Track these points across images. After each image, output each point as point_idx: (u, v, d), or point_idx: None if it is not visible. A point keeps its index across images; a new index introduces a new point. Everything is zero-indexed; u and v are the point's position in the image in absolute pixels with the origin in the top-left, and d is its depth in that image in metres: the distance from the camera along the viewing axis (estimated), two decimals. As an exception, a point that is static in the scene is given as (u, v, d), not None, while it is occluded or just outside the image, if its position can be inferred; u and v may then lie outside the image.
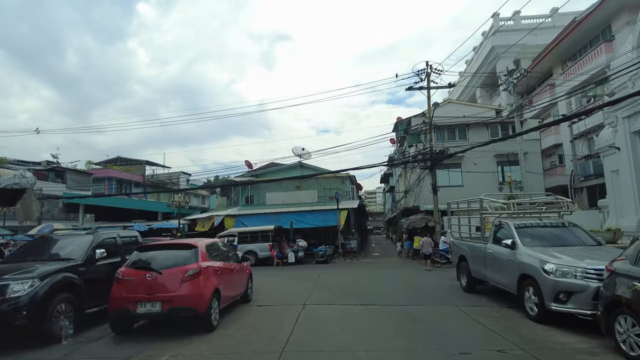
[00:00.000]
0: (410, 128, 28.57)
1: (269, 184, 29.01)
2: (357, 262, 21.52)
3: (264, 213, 26.04)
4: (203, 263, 6.85)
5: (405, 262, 20.97)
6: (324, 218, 24.53)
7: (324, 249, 21.24)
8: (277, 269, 19.36)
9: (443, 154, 21.19)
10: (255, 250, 21.43)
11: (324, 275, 15.17)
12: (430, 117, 22.75)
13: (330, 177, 28.08)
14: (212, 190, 34.19)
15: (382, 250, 30.39)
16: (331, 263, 21.36)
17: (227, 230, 22.92)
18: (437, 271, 16.53)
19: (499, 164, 27.47)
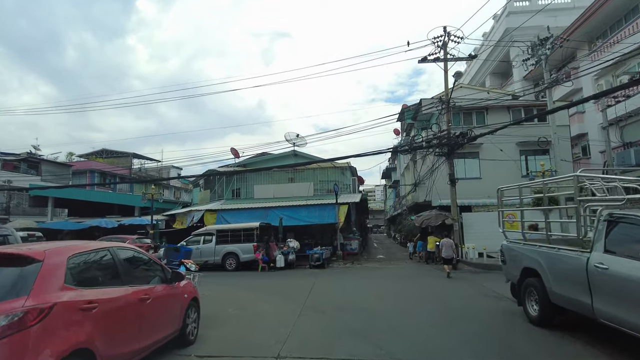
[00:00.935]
0: (420, 111, 24.89)
1: (258, 176, 25.31)
2: (360, 267, 17.86)
3: (250, 208, 22.36)
4: (50, 295, 3.17)
5: (417, 267, 17.33)
6: (320, 214, 20.87)
7: (319, 252, 17.57)
8: (262, 276, 15.69)
9: (465, 136, 17.52)
10: (236, 251, 17.76)
11: (318, 286, 11.50)
12: (448, 94, 19.08)
13: (328, 167, 24.40)
14: (195, 183, 30.38)
15: (386, 252, 26.74)
16: (329, 268, 17.70)
17: (205, 227, 19.22)
18: (456, 278, 12.92)
19: (523, 153, 23.87)
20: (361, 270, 16.58)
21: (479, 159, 23.81)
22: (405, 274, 15.33)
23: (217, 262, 17.97)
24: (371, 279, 13.78)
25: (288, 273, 16.28)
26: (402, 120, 37.29)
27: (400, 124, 39.77)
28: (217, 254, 17.97)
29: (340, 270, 16.66)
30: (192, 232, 19.21)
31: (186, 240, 18.93)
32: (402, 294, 10.36)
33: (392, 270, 16.65)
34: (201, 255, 18.19)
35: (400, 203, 36.39)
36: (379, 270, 16.73)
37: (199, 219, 22.62)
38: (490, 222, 19.66)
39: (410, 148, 18.96)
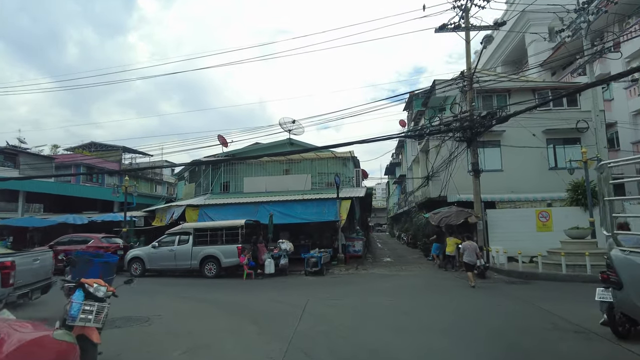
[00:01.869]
0: (434, 93, 21.87)
1: (248, 167, 22.30)
2: (366, 274, 14.88)
3: (238, 203, 19.35)
4: None
5: (434, 274, 14.33)
6: (318, 210, 17.86)
7: (317, 255, 14.56)
8: (245, 286, 12.70)
9: (493, 117, 14.47)
10: (217, 255, 14.76)
11: (313, 307, 8.50)
12: (471, 68, 16.06)
13: (328, 157, 21.38)
14: (180, 176, 27.37)
15: (393, 254, 23.74)
16: (328, 275, 14.71)
17: (180, 225, 16.22)
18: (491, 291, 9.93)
19: (550, 142, 20.85)
20: (368, 279, 13.57)
21: (501, 149, 20.85)
22: (424, 284, 12.32)
23: (195, 267, 14.99)
24: (382, 292, 10.76)
25: (278, 282, 13.29)
26: (410, 110, 34.29)
27: (407, 114, 36.75)
28: (194, 257, 14.99)
29: (342, 279, 13.66)
30: (166, 231, 16.23)
31: (159, 241, 15.95)
32: (433, 320, 7.33)
33: (405, 278, 13.65)
34: (175, 258, 15.23)
35: (406, 200, 33.37)
36: (390, 278, 13.72)
37: (179, 216, 19.65)
38: (520, 221, 16.79)
39: (425, 133, 15.96)
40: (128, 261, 15.83)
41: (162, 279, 14.81)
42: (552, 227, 15.71)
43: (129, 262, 15.81)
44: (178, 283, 13.62)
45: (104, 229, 22.38)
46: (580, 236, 12.96)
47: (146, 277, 15.60)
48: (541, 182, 19.86)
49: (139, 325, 7.23)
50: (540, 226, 15.82)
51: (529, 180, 19.85)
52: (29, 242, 22.85)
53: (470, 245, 12.33)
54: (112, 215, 21.77)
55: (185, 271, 15.44)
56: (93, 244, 16.36)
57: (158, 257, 15.48)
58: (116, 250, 16.86)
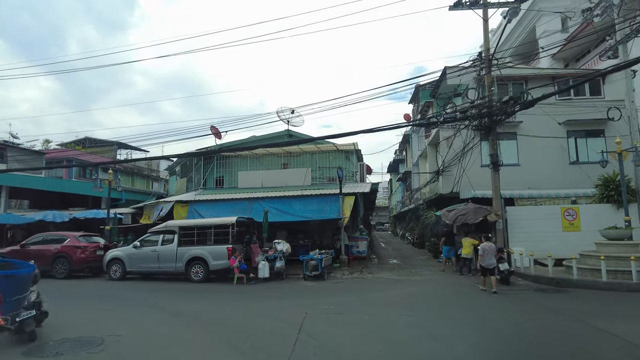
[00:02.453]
0: (444, 81, 20.22)
1: (244, 161, 20.65)
2: (372, 279, 13.22)
3: (231, 199, 17.71)
4: None
5: (450, 279, 12.67)
6: (319, 207, 16.21)
7: (317, 258, 12.90)
8: (234, 294, 11.07)
9: (515, 102, 12.78)
10: (204, 256, 13.11)
11: (312, 326, 6.83)
12: (489, 48, 14.40)
13: (330, 149, 19.72)
14: (172, 170, 25.71)
15: (398, 254, 22.08)
16: (329, 279, 13.07)
17: (164, 223, 14.57)
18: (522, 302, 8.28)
19: (571, 134, 19.17)
20: (375, 285, 11.91)
21: (517, 142, 19.18)
22: (441, 292, 10.65)
23: (180, 269, 13.35)
24: (395, 302, 9.11)
25: (272, 288, 11.64)
26: (416, 103, 32.57)
27: (412, 108, 35.02)
28: (179, 258, 13.35)
29: (346, 285, 12.00)
30: (149, 230, 14.59)
31: (141, 240, 14.32)
32: (469, 346, 5.66)
33: (418, 284, 11.98)
34: (159, 260, 13.59)
35: (411, 197, 31.69)
36: (400, 284, 12.06)
37: (167, 212, 18.01)
38: (544, 220, 15.08)
39: (438, 121, 14.31)
40: (107, 262, 14.19)
41: (143, 283, 13.18)
42: (580, 227, 14.06)
43: (108, 263, 14.17)
44: (159, 288, 11.98)
45: (90, 227, 20.82)
46: (620, 237, 11.31)
47: (127, 280, 14.00)
48: (561, 177, 18.23)
49: (87, 350, 5.59)
50: (566, 225, 14.16)
51: (548, 175, 18.22)
52: (9, 241, 21.23)
53: (490, 246, 10.80)
54: (95, 211, 20.12)
55: (170, 274, 13.82)
56: (69, 243, 14.72)
57: (139, 258, 13.85)
58: (95, 250, 15.26)
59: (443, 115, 14.47)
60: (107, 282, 13.72)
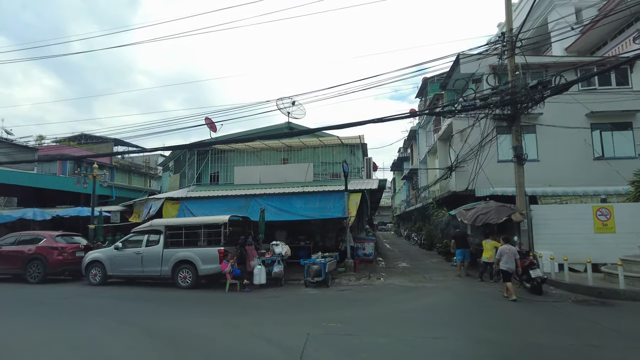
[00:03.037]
0: (457, 70, 18.73)
1: (240, 155, 19.17)
2: (382, 285, 11.74)
3: (226, 196, 16.24)
4: None
5: (471, 286, 11.18)
6: (322, 205, 14.73)
7: (320, 262, 11.40)
8: (224, 303, 9.60)
9: (545, 87, 11.26)
10: (193, 259, 11.63)
11: (317, 350, 5.36)
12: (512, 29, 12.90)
13: (334, 143, 18.23)
14: (165, 166, 24.22)
15: (406, 257, 20.56)
16: (334, 286, 11.58)
17: (149, 222, 13.11)
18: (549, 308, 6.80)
19: (596, 127, 17.66)
20: (387, 293, 10.41)
21: (536, 136, 17.67)
22: (465, 303, 9.16)
23: (166, 274, 11.88)
24: (416, 317, 7.62)
25: (269, 297, 10.15)
26: (423, 97, 31.06)
27: (419, 103, 33.51)
28: (165, 262, 11.87)
29: (354, 294, 10.50)
30: (133, 229, 13.12)
31: (124, 240, 12.86)
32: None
33: (435, 292, 10.48)
34: (143, 263, 12.12)
35: (418, 196, 30.19)
36: (415, 292, 10.57)
37: (157, 210, 16.56)
38: (573, 220, 13.47)
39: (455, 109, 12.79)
40: (86, 265, 12.74)
41: (124, 290, 11.71)
42: (615, 228, 12.55)
43: (87, 266, 12.72)
44: (140, 296, 10.52)
45: (75, 226, 19.39)
46: (671, 241, 9.81)
47: (109, 284, 12.56)
48: (585, 174, 16.74)
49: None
50: (599, 226, 12.64)
51: (570, 171, 16.73)
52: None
53: (509, 249, 9.71)
54: (79, 209, 18.64)
55: (156, 279, 12.36)
56: (45, 244, 13.27)
57: (121, 261, 12.39)
58: (75, 251, 13.81)
59: (461, 103, 12.97)
60: (85, 287, 12.26)
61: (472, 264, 14.18)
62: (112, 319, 7.57)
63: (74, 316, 8.04)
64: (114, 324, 7.22)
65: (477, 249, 14.20)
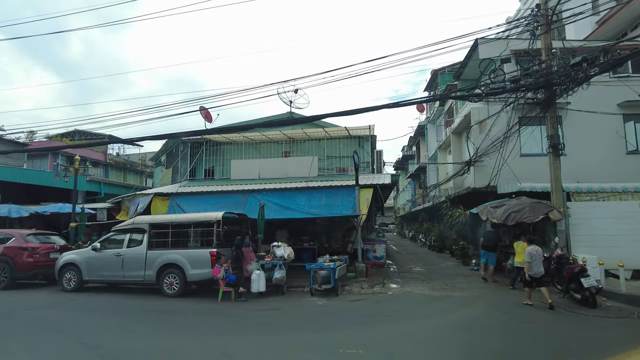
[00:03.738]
0: (474, 56, 17.17)
1: (237, 148, 17.54)
2: (400, 293, 10.12)
3: (221, 191, 14.63)
4: None
5: (502, 295, 9.56)
6: (328, 202, 13.11)
7: (329, 267, 9.77)
8: (214, 317, 7.97)
9: (591, 64, 9.65)
10: (180, 263, 10.00)
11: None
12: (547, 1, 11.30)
13: (341, 135, 16.60)
14: (157, 160, 22.59)
15: (418, 260, 18.93)
16: (344, 295, 9.96)
17: (131, 220, 11.48)
18: (613, 326, 5.25)
19: (629, 118, 16.08)
20: (409, 307, 8.78)
21: (562, 127, 16.05)
22: (505, 317, 7.53)
23: (150, 279, 10.26)
24: (452, 343, 6.01)
25: (269, 309, 8.54)
26: (433, 90, 29.44)
27: (428, 96, 31.89)
28: (149, 265, 10.24)
29: (369, 305, 8.88)
30: (113, 228, 11.47)
31: (102, 240, 11.23)
32: None
33: (464, 304, 8.86)
34: (123, 267, 10.49)
35: (427, 195, 28.57)
36: (440, 303, 8.95)
37: (145, 207, 14.93)
38: (618, 219, 11.77)
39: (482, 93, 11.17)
40: (59, 268, 11.11)
41: (101, 298, 10.10)
42: None
43: (61, 269, 11.09)
44: (115, 307, 8.91)
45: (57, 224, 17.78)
46: None
47: (85, 291, 10.95)
48: (617, 169, 15.13)
49: None
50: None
51: (600, 166, 15.11)
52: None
53: (537, 251, 8.73)
54: (60, 205, 16.99)
55: (139, 285, 10.73)
56: (13, 244, 11.63)
57: (100, 264, 10.76)
58: (49, 252, 12.18)
59: (488, 85, 11.35)
60: (57, 294, 10.64)
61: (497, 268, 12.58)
62: (70, 340, 5.96)
63: (24, 335, 6.42)
64: (69, 346, 5.61)
65: (505, 252, 12.64)
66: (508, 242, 12.40)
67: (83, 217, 15.08)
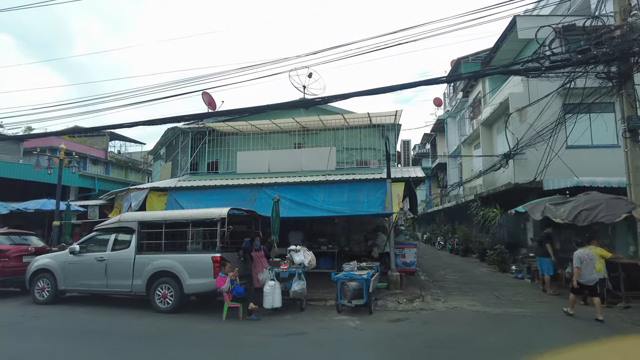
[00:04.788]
0: (511, 35, 15.24)
1: (244, 139, 15.60)
2: (448, 311, 8.14)
3: (227, 186, 12.72)
4: None
5: (580, 313, 7.56)
6: (352, 198, 11.12)
7: (361, 278, 7.77)
8: (215, 346, 5.99)
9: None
10: (175, 270, 8.06)
11: None
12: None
13: (361, 123, 14.61)
14: (156, 154, 20.69)
15: (443, 265, 16.92)
16: (379, 311, 8.01)
17: (118, 217, 9.55)
18: None
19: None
20: (471, 332, 6.77)
21: (615, 115, 14.04)
22: (614, 351, 5.56)
23: (139, 290, 8.33)
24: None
25: (288, 335, 6.57)
26: (453, 82, 27.42)
27: (446, 89, 29.90)
28: (138, 273, 8.31)
29: (418, 330, 6.90)
30: (96, 227, 9.54)
31: (82, 242, 9.30)
32: None
33: (537, 325, 6.86)
34: (107, 274, 8.56)
35: (446, 195, 26.56)
36: (508, 326, 6.96)
37: (140, 204, 13.01)
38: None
39: (540, 67, 9.21)
40: (30, 275, 9.21)
41: (75, 314, 8.20)
42: None
43: (32, 276, 9.19)
44: (86, 329, 6.98)
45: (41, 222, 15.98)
46: None
47: (62, 302, 9.05)
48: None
49: None
50: None
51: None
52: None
53: (589, 255, 7.62)
54: (42, 202, 15.08)
55: (125, 296, 8.82)
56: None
57: (78, 271, 8.85)
58: (22, 255, 10.29)
59: (549, 57, 9.35)
60: (24, 307, 8.76)
61: (553, 277, 10.56)
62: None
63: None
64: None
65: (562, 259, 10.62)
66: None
67: (68, 215, 13.18)
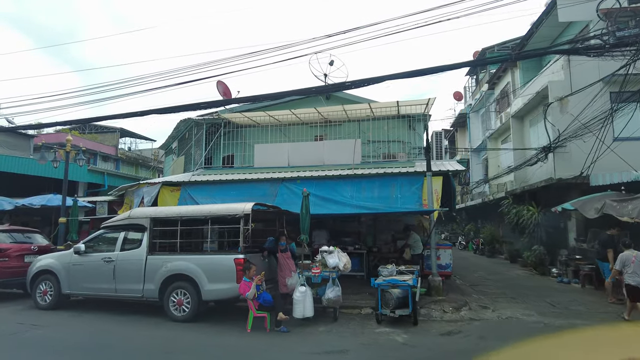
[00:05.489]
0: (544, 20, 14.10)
1: (262, 131, 14.61)
2: (501, 322, 7.08)
3: (244, 180, 11.76)
4: None
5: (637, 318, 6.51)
6: (383, 193, 10.07)
7: (405, 285, 6.73)
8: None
9: None
10: (192, 273, 7.08)
11: None
12: None
13: (388, 114, 13.53)
14: (167, 148, 19.78)
15: (469, 264, 15.80)
16: (425, 322, 6.97)
17: (127, 213, 8.61)
18: None
19: None
20: (538, 349, 5.69)
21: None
22: None
23: (151, 296, 7.39)
24: None
25: (327, 351, 5.57)
26: (476, 73, 26.17)
27: (467, 82, 28.64)
28: (150, 276, 7.37)
29: (476, 347, 5.85)
30: (103, 224, 8.60)
31: (88, 241, 8.39)
32: None
33: (616, 341, 5.78)
34: (115, 278, 7.62)
35: (469, 192, 25.39)
36: (579, 341, 5.88)
37: (152, 200, 12.10)
38: None
39: (603, 44, 8.09)
40: (31, 277, 8.33)
41: (80, 321, 7.30)
42: None
43: (33, 279, 8.31)
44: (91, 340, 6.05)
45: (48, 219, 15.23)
46: None
47: (66, 307, 8.16)
48: None
49: None
50: None
51: None
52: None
53: (636, 256, 7.01)
54: (48, 197, 14.26)
55: (137, 301, 7.88)
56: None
57: (84, 273, 7.94)
58: (24, 254, 9.44)
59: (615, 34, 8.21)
60: (23, 313, 7.89)
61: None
62: None
63: None
64: None
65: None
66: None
67: (75, 211, 12.34)
